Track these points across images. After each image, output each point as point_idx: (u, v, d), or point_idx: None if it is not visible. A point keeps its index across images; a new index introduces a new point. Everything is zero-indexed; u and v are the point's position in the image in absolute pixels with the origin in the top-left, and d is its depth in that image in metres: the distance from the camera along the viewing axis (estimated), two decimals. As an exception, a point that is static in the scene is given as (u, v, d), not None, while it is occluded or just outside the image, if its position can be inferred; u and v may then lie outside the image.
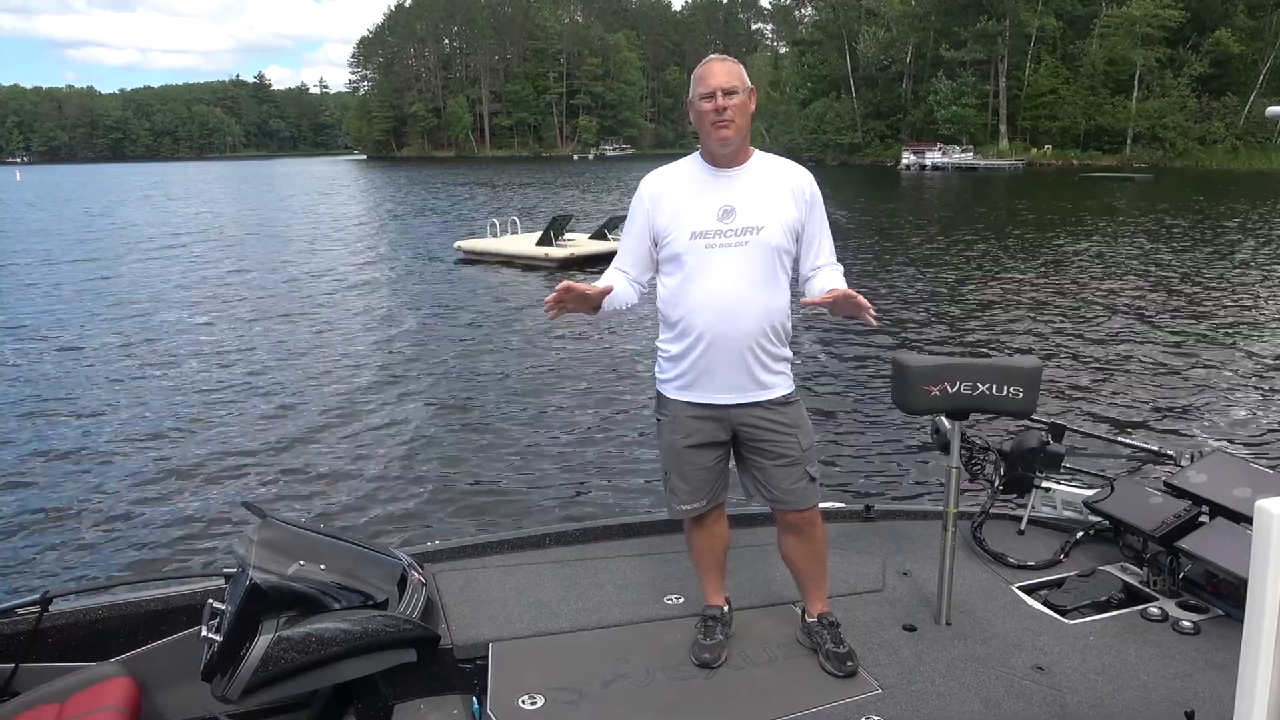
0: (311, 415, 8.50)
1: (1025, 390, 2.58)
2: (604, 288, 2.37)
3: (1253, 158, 56.94)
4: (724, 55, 2.38)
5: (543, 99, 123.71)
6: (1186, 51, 60.27)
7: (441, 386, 9.55)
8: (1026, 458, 3.30)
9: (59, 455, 7.45)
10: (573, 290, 2.26)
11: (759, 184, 2.38)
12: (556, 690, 2.37)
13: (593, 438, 7.70)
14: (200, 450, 7.51)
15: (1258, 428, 7.81)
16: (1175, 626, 2.71)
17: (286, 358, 10.95)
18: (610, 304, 2.41)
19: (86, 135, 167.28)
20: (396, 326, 12.88)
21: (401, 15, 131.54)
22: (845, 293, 2.26)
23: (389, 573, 2.43)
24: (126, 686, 2.22)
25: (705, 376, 2.40)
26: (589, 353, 10.98)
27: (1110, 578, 3.03)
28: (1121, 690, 2.40)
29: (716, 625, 2.59)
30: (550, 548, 3.21)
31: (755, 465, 2.47)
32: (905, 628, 2.72)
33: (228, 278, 18.14)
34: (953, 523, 2.70)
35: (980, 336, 11.63)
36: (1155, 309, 13.09)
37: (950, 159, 62.25)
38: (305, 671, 2.16)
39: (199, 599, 2.39)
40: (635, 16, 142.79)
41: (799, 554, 2.57)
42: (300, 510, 6.20)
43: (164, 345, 11.76)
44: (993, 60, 66.25)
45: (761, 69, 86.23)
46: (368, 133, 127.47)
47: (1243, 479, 2.98)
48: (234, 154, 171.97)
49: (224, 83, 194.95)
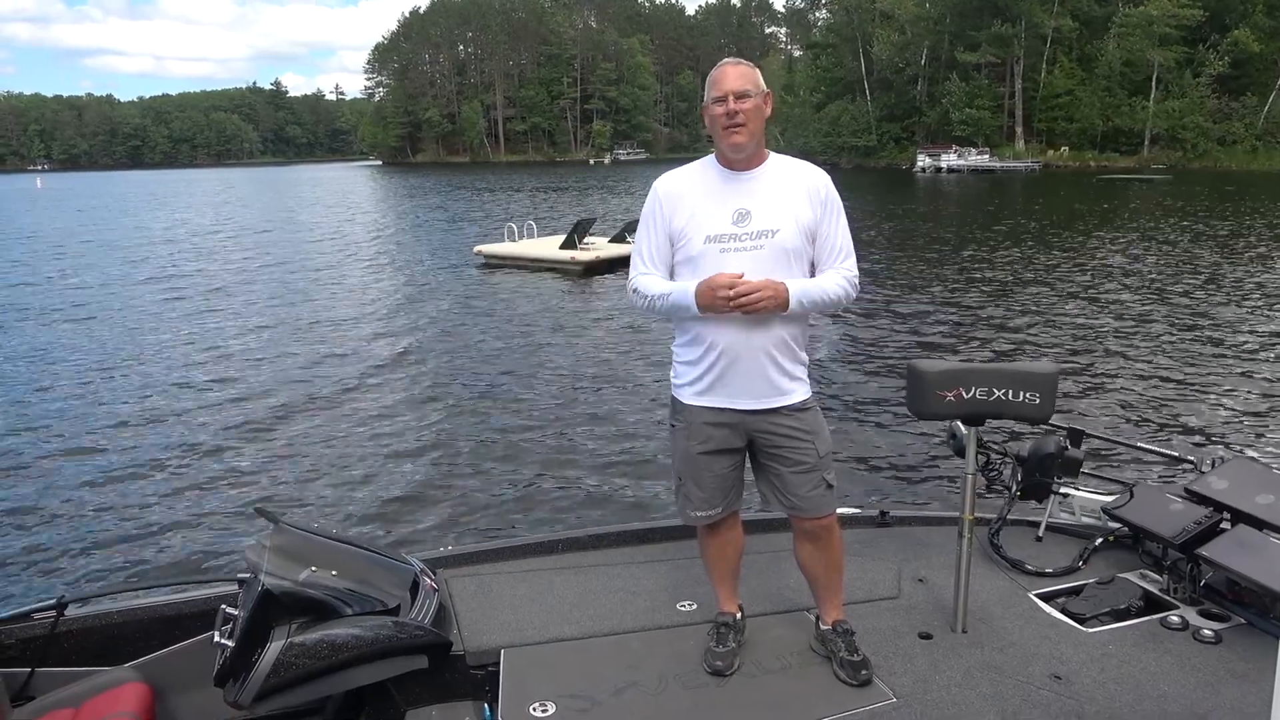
0: (326, 420, 8.54)
1: (1042, 395, 2.55)
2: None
3: (1273, 158, 56.38)
4: (738, 59, 2.37)
5: (557, 104, 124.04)
6: (1205, 51, 59.72)
7: (458, 392, 9.57)
8: (1044, 463, 3.26)
9: (74, 460, 7.51)
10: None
11: (774, 187, 2.36)
12: (568, 698, 2.36)
13: (607, 443, 7.69)
14: (215, 456, 7.56)
15: (1279, 433, 7.71)
16: (1196, 635, 2.67)
17: (304, 364, 11.01)
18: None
19: (106, 143, 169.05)
20: (416, 332, 12.92)
21: (416, 21, 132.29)
22: (768, 284, 2.24)
23: (401, 578, 2.43)
24: (141, 691, 2.23)
25: (722, 382, 2.38)
26: (604, 358, 10.98)
27: (1129, 585, 2.99)
28: (1141, 700, 2.37)
29: (729, 632, 2.57)
30: (563, 553, 3.20)
31: (772, 472, 2.45)
32: (921, 635, 2.69)
33: (244, 282, 18.27)
34: (969, 529, 2.67)
35: (997, 341, 11.54)
36: (1175, 312, 12.95)
37: (966, 161, 61.92)
38: (317, 677, 2.15)
39: (212, 604, 2.40)
40: (649, 21, 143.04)
41: (815, 561, 2.54)
42: (313, 515, 6.22)
43: (180, 350, 11.84)
44: (1008, 62, 65.92)
45: (775, 72, 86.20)
46: (383, 138, 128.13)
47: (1264, 485, 2.94)
48: (251, 160, 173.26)
49: (241, 90, 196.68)
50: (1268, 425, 7.91)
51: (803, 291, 2.31)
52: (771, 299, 2.24)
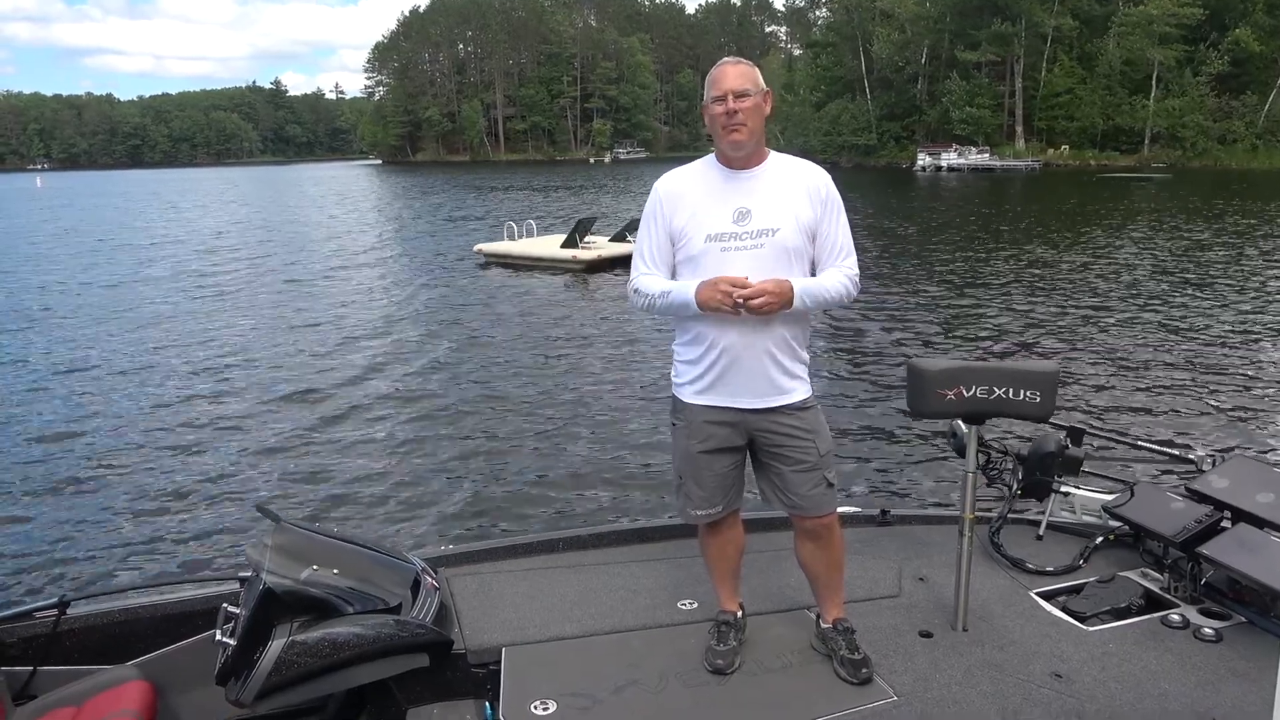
0: (327, 419, 8.54)
1: (1042, 394, 2.55)
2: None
3: (1273, 157, 56.38)
4: (737, 58, 2.37)
5: (556, 103, 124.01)
6: (1205, 50, 59.70)
7: (459, 390, 9.57)
8: (1045, 462, 3.26)
9: (75, 459, 7.51)
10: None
11: (774, 185, 2.37)
12: (569, 696, 2.36)
13: (608, 441, 7.70)
14: (216, 454, 7.56)
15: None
16: (1196, 634, 2.67)
17: (303, 361, 11.01)
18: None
19: (105, 142, 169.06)
20: (416, 331, 12.92)
21: (416, 20, 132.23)
22: (773, 287, 2.25)
23: (402, 577, 2.43)
24: (143, 690, 2.24)
25: (722, 381, 2.39)
26: (605, 356, 10.98)
27: (1130, 584, 2.99)
28: (1141, 699, 2.37)
29: (730, 631, 2.58)
30: (564, 552, 3.21)
31: (773, 471, 2.46)
32: (921, 634, 2.69)
33: (246, 282, 18.27)
34: (970, 528, 2.67)
35: (997, 340, 11.55)
36: (1175, 311, 12.96)
37: (966, 160, 61.91)
38: (319, 676, 2.16)
39: (214, 603, 2.41)
40: (649, 20, 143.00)
41: (816, 560, 2.55)
42: (315, 514, 6.23)
43: (182, 349, 11.84)
44: (1008, 61, 65.90)
45: (775, 71, 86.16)
46: (383, 138, 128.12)
47: (1265, 483, 2.94)
48: (251, 159, 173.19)
49: (240, 89, 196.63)
50: (1268, 424, 7.91)
51: (805, 290, 2.32)
52: (777, 299, 2.25)
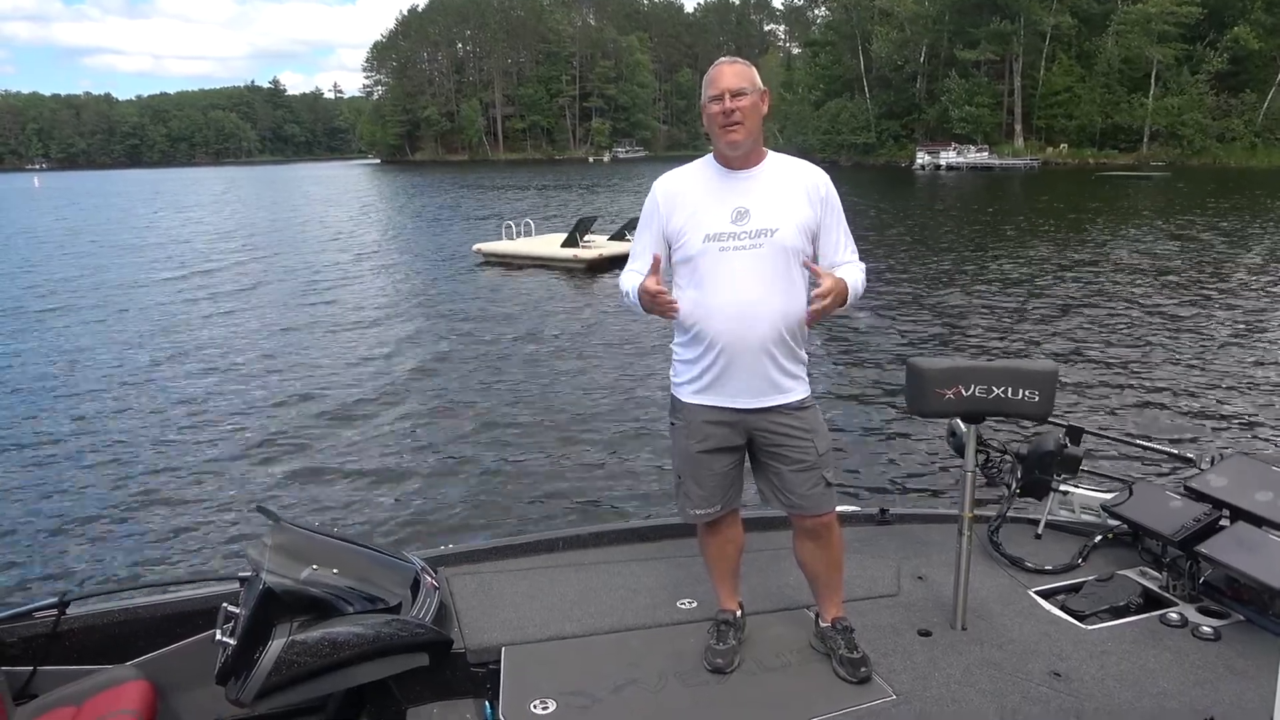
0: (326, 419, 8.54)
1: (1041, 393, 2.55)
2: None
3: (1272, 155, 56.35)
4: (734, 58, 2.37)
5: (555, 102, 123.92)
6: (1204, 48, 59.66)
7: (457, 391, 9.57)
8: (1044, 461, 3.27)
9: (75, 459, 7.52)
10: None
11: (773, 185, 2.37)
12: (568, 695, 2.36)
13: (606, 441, 7.70)
14: (215, 454, 7.56)
15: (1279, 430, 7.71)
16: (1195, 632, 2.67)
17: (303, 362, 11.01)
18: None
19: (104, 142, 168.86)
20: (415, 330, 12.93)
21: (414, 20, 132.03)
22: (829, 287, 2.24)
23: (402, 577, 2.43)
24: (143, 689, 2.24)
25: (721, 381, 2.39)
26: (605, 356, 10.98)
27: (1129, 582, 3.00)
28: (1140, 697, 2.37)
29: (729, 630, 2.58)
30: (563, 551, 3.21)
31: (771, 470, 2.46)
32: (920, 633, 2.69)
33: (245, 282, 18.26)
34: (969, 527, 2.68)
35: (997, 339, 11.55)
36: (1174, 309, 12.96)
37: (965, 158, 61.87)
38: (318, 675, 2.16)
39: (214, 602, 2.40)
40: (647, 19, 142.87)
41: (815, 559, 2.55)
42: (314, 514, 6.23)
43: (181, 349, 11.84)
44: (1007, 59, 65.84)
45: (774, 70, 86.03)
46: (382, 137, 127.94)
47: (1264, 482, 2.94)
48: (250, 159, 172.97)
49: (239, 88, 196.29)
50: (1267, 422, 7.91)
51: (853, 285, 2.36)
52: (837, 299, 2.27)
